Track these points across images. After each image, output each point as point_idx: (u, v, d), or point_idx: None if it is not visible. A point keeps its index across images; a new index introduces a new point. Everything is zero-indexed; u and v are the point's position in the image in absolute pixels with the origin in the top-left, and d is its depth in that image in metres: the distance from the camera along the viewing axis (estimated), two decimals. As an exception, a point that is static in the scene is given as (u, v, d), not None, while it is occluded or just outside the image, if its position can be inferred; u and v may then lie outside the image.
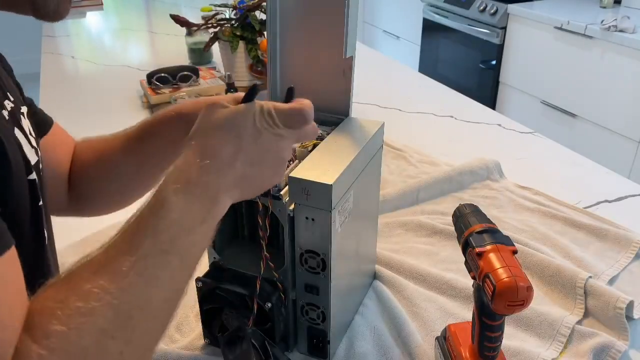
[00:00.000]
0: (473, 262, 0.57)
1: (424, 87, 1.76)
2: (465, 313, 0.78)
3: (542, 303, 0.79)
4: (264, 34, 1.49)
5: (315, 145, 0.66)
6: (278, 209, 0.61)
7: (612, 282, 0.85)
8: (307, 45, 0.70)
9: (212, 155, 0.47)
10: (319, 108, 0.70)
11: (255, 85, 0.51)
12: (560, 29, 2.46)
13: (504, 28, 2.75)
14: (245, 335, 0.61)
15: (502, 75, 2.86)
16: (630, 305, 0.76)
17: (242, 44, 1.52)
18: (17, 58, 0.70)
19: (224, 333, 0.64)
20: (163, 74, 1.52)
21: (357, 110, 0.73)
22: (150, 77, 1.52)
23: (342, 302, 0.71)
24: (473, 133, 1.39)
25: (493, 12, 2.75)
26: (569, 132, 2.54)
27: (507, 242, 0.57)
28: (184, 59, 1.84)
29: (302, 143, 0.66)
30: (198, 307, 0.69)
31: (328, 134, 0.68)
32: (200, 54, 1.82)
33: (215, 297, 0.66)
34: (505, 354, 0.65)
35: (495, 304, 0.53)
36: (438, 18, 3.18)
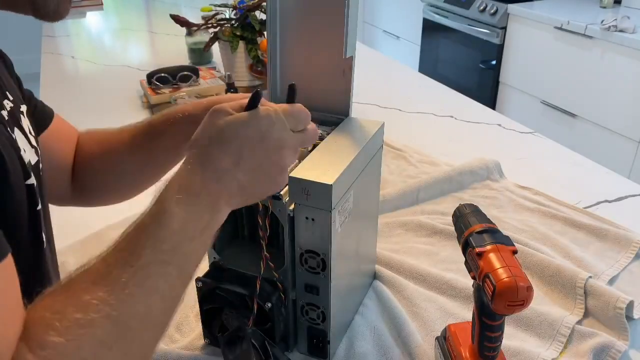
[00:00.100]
0: (473, 262, 0.57)
1: (424, 87, 1.76)
2: (465, 313, 0.78)
3: (542, 303, 0.79)
4: (264, 34, 1.49)
5: (315, 145, 0.66)
6: (278, 209, 0.61)
7: (612, 282, 0.85)
8: (307, 45, 0.70)
9: (213, 166, 0.47)
10: (319, 108, 0.71)
11: (258, 92, 0.51)
12: (560, 29, 2.46)
13: (504, 28, 2.75)
14: (245, 335, 0.61)
15: (502, 75, 2.86)
16: (630, 305, 0.76)
17: (242, 44, 1.52)
18: (17, 58, 0.70)
19: (224, 333, 0.64)
20: (163, 74, 1.52)
21: (357, 110, 0.73)
22: (150, 77, 1.52)
23: (342, 302, 0.71)
24: (473, 133, 1.39)
25: (493, 12, 2.75)
26: (569, 132, 2.54)
27: (507, 242, 0.57)
28: (184, 59, 1.84)
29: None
30: (198, 307, 0.69)
31: (328, 134, 0.68)
32: (200, 54, 1.82)
33: (215, 297, 0.66)
34: (505, 354, 0.65)
35: (495, 304, 0.53)
36: (438, 18, 3.18)
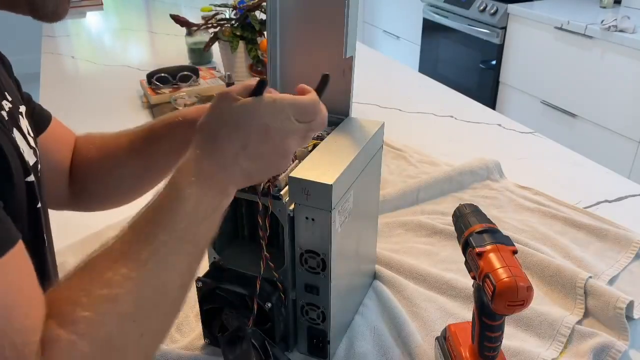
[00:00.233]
0: (473, 262, 0.57)
1: (424, 87, 1.76)
2: (465, 313, 0.78)
3: (542, 303, 0.79)
4: (264, 34, 1.49)
5: (315, 145, 0.66)
6: (278, 209, 0.61)
7: (612, 282, 0.85)
8: (307, 45, 0.70)
9: (219, 151, 0.49)
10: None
11: (264, 80, 0.52)
12: (560, 29, 2.46)
13: (504, 28, 2.75)
14: (246, 335, 0.61)
15: (502, 75, 2.86)
16: (630, 305, 0.76)
17: (242, 44, 1.52)
18: (17, 58, 0.70)
19: (224, 333, 0.64)
20: (163, 74, 1.52)
21: (357, 110, 0.73)
22: (150, 77, 1.52)
23: (342, 302, 0.71)
24: (473, 133, 1.39)
25: (493, 12, 2.75)
26: (569, 132, 2.54)
27: (507, 242, 0.57)
28: (184, 59, 1.84)
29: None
30: (198, 307, 0.69)
31: (328, 134, 0.68)
32: (200, 54, 1.82)
33: (215, 297, 0.66)
34: (505, 354, 0.65)
35: (495, 304, 0.53)
36: (438, 18, 3.18)
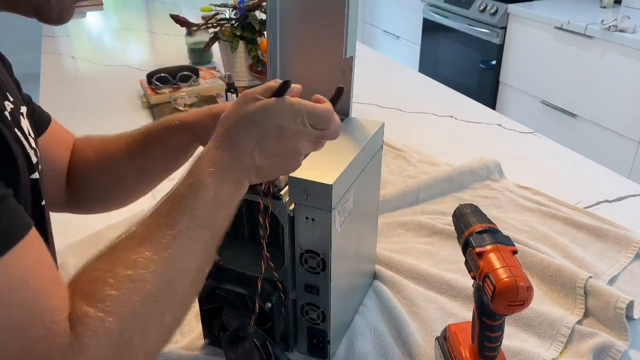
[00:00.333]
0: (473, 262, 0.57)
1: (424, 87, 1.76)
2: (465, 313, 0.78)
3: (542, 303, 0.79)
4: (264, 34, 1.49)
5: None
6: (278, 209, 0.61)
7: (612, 282, 0.85)
8: (307, 45, 0.70)
9: (238, 146, 0.52)
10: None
11: (288, 81, 0.54)
12: (561, 29, 2.46)
13: (504, 28, 2.75)
14: (247, 334, 0.61)
15: (502, 75, 2.86)
16: (630, 305, 0.76)
17: (242, 44, 1.52)
18: (17, 58, 0.70)
19: (225, 333, 0.64)
20: (163, 74, 1.52)
21: (357, 110, 0.73)
22: (150, 77, 1.52)
23: (342, 302, 0.71)
24: (473, 133, 1.39)
25: (493, 12, 2.75)
26: (569, 132, 2.54)
27: (507, 242, 0.57)
28: (184, 59, 1.84)
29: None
30: (198, 307, 0.69)
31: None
32: (200, 54, 1.82)
33: (215, 297, 0.66)
34: (505, 354, 0.65)
35: (495, 304, 0.53)
36: (438, 18, 3.18)
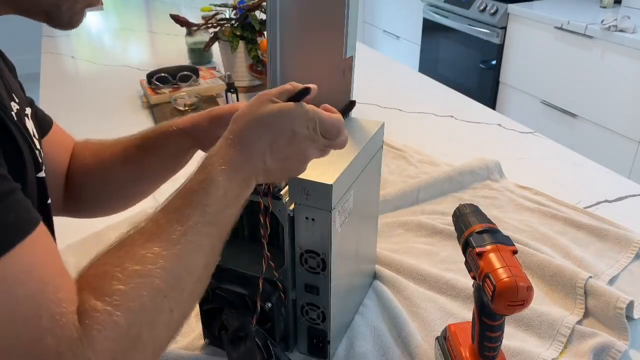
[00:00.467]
0: (473, 262, 0.57)
1: (424, 87, 1.76)
2: (465, 313, 0.78)
3: (542, 303, 0.79)
4: (264, 34, 1.49)
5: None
6: (278, 209, 0.61)
7: (612, 282, 0.85)
8: (307, 45, 0.70)
9: (249, 147, 0.52)
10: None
11: (309, 88, 0.55)
12: (561, 29, 2.46)
13: (504, 28, 2.75)
14: (249, 334, 0.61)
15: (502, 75, 2.86)
16: (630, 305, 0.76)
17: (242, 44, 1.52)
18: (17, 58, 0.69)
19: (226, 332, 0.64)
20: (163, 74, 1.52)
21: (357, 110, 0.73)
22: (150, 77, 1.52)
23: (342, 302, 0.71)
24: (473, 133, 1.39)
25: (493, 12, 2.75)
26: (569, 132, 2.54)
27: (507, 242, 0.57)
28: (184, 59, 1.84)
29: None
30: (198, 307, 0.69)
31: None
32: (200, 54, 1.82)
33: (215, 297, 0.66)
34: (505, 354, 0.65)
35: (496, 304, 0.53)
36: (438, 18, 3.17)
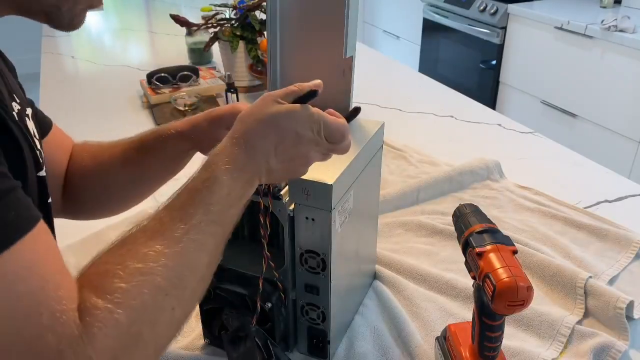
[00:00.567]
0: (473, 262, 0.57)
1: (424, 87, 1.76)
2: (465, 313, 0.78)
3: (542, 303, 0.79)
4: (264, 34, 1.49)
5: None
6: (278, 209, 0.61)
7: (612, 282, 0.85)
8: (307, 45, 0.70)
9: (254, 147, 0.52)
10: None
11: (316, 91, 0.55)
12: (561, 29, 2.46)
13: (504, 28, 2.75)
14: (249, 334, 0.61)
15: (502, 75, 2.86)
16: (630, 305, 0.76)
17: (242, 44, 1.52)
18: (17, 58, 0.69)
19: (226, 332, 0.64)
20: (163, 74, 1.52)
21: (357, 110, 0.73)
22: (150, 77, 1.52)
23: (342, 302, 0.71)
24: (473, 133, 1.39)
25: (493, 12, 2.75)
26: (569, 132, 2.54)
27: (507, 242, 0.57)
28: (184, 59, 1.84)
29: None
30: (198, 307, 0.69)
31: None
32: (200, 54, 1.82)
33: (215, 297, 0.66)
34: (505, 354, 0.65)
35: (496, 304, 0.53)
36: (438, 18, 3.17)
